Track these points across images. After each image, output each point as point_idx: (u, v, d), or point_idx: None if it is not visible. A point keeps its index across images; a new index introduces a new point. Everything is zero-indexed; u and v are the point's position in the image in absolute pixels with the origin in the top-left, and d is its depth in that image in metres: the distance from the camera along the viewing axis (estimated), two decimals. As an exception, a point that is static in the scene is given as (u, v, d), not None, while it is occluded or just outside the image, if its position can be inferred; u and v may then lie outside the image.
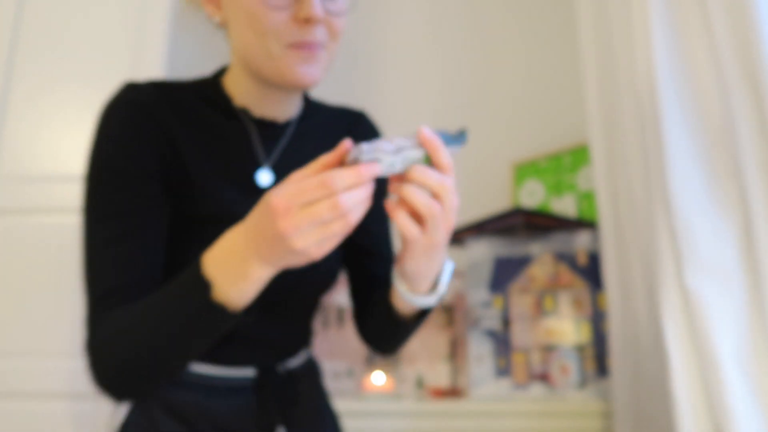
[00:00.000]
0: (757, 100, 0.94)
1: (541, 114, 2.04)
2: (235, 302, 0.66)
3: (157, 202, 0.74)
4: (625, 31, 1.19)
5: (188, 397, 0.79)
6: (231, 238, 0.65)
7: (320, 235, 0.60)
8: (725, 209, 0.99)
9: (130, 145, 0.73)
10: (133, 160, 0.73)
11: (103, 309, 0.71)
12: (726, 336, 0.92)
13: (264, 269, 0.64)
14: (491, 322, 1.53)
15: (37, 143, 1.61)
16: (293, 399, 0.84)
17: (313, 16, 0.72)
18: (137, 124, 0.74)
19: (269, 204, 0.59)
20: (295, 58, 0.74)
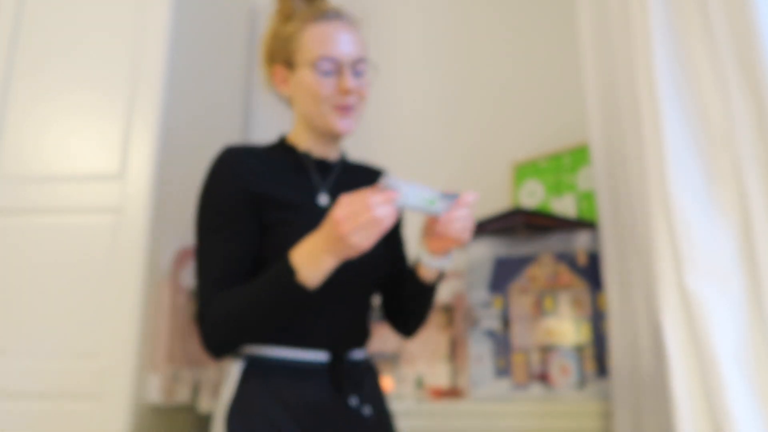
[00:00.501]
0: (757, 100, 0.94)
1: (541, 114, 2.04)
2: (310, 283, 0.98)
3: (249, 218, 1.08)
4: (624, 32, 1.19)
5: (281, 379, 1.05)
6: (309, 241, 0.99)
7: (365, 235, 0.94)
8: (724, 210, 0.99)
9: (231, 186, 1.09)
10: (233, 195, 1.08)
11: (213, 291, 1.03)
12: (725, 336, 0.92)
13: (330, 260, 0.98)
14: (491, 322, 1.53)
15: (38, 144, 1.61)
16: (359, 381, 1.11)
17: (350, 87, 1.12)
18: (233, 169, 1.10)
19: (332, 217, 0.95)
20: (339, 116, 1.14)
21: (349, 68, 1.12)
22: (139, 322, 1.46)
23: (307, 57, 1.12)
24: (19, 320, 1.50)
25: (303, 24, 1.14)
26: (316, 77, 1.11)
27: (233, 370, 1.08)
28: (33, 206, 1.56)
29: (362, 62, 1.15)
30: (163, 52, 1.62)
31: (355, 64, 1.13)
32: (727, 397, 0.88)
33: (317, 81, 1.11)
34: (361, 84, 1.15)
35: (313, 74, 1.11)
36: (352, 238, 0.93)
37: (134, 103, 1.59)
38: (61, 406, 1.44)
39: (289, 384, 1.05)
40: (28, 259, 1.53)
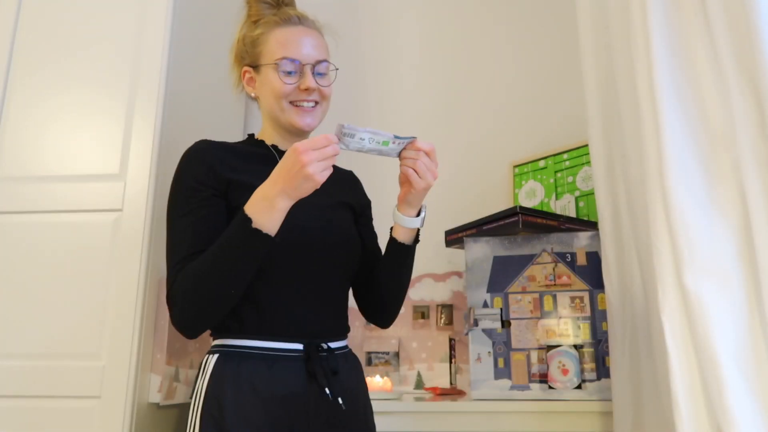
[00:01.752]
0: (757, 100, 0.94)
1: (541, 114, 2.04)
2: (268, 228, 1.02)
3: (216, 202, 1.12)
4: (624, 32, 1.19)
5: (253, 369, 1.06)
6: (260, 188, 1.03)
7: (323, 165, 0.99)
8: (724, 210, 0.99)
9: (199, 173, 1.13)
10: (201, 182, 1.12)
11: (179, 270, 1.05)
12: (725, 336, 0.92)
13: (284, 200, 1.01)
14: (491, 322, 1.53)
15: (38, 144, 1.61)
16: (334, 369, 1.11)
17: (310, 86, 1.19)
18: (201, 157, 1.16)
19: (295, 147, 0.99)
20: (300, 112, 1.21)
21: (310, 69, 1.20)
22: (139, 322, 1.45)
23: (271, 58, 1.20)
24: (19, 320, 1.50)
25: (268, 28, 1.23)
26: (278, 77, 1.19)
27: (206, 363, 1.09)
28: (33, 206, 1.56)
29: (323, 64, 1.23)
30: (163, 52, 1.62)
31: (316, 65, 1.21)
32: (727, 397, 0.88)
33: (279, 80, 1.19)
34: (324, 83, 1.22)
35: (276, 74, 1.19)
36: (310, 167, 0.98)
37: (134, 103, 1.59)
38: (61, 406, 1.43)
39: (262, 373, 1.06)
40: (28, 259, 1.53)
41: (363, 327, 1.93)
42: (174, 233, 1.12)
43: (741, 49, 0.97)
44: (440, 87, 2.14)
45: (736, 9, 0.97)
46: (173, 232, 1.12)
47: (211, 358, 1.10)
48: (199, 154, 1.16)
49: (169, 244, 1.11)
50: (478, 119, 2.09)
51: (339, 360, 1.15)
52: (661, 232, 1.02)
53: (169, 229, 1.13)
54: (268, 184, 1.03)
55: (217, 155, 1.17)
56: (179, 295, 1.04)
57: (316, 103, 1.22)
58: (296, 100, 1.20)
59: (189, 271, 1.04)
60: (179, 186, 1.15)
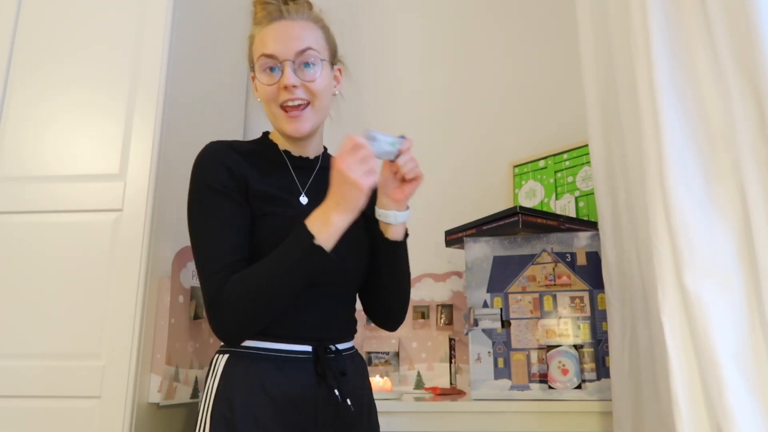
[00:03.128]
0: (757, 100, 0.94)
1: (541, 114, 2.04)
2: (327, 245, 1.02)
3: (241, 203, 1.10)
4: (624, 32, 1.19)
5: (263, 370, 1.06)
6: (318, 208, 1.04)
7: (363, 168, 0.99)
8: (724, 210, 0.99)
9: (220, 176, 1.09)
10: (224, 185, 1.09)
11: (224, 275, 1.03)
12: (725, 336, 0.92)
13: (340, 215, 1.02)
14: (491, 322, 1.53)
15: (39, 144, 1.61)
16: (342, 370, 1.11)
17: (287, 83, 1.10)
18: (220, 159, 1.11)
19: (333, 161, 1.01)
20: (288, 117, 1.13)
21: (291, 64, 1.10)
22: (139, 322, 1.45)
23: (255, 58, 1.15)
24: (19, 320, 1.50)
25: (257, 29, 1.17)
26: (261, 78, 1.13)
27: (217, 363, 1.09)
28: (33, 206, 1.56)
29: (306, 55, 1.11)
30: (163, 52, 1.62)
31: (297, 57, 1.11)
32: (727, 397, 0.88)
33: (261, 82, 1.13)
34: (308, 78, 1.12)
35: (259, 76, 1.13)
36: (351, 172, 0.98)
37: (134, 103, 1.59)
38: (61, 406, 1.43)
39: (272, 374, 1.06)
40: (28, 259, 1.53)
41: (363, 327, 1.93)
42: (206, 240, 1.07)
43: (741, 49, 0.97)
44: (440, 87, 2.14)
45: (736, 9, 0.97)
46: (205, 239, 1.08)
47: (221, 358, 1.09)
48: (217, 156, 1.12)
49: (204, 251, 1.07)
50: (478, 119, 2.09)
51: (346, 361, 1.15)
52: (661, 232, 1.02)
53: (198, 236, 1.09)
54: (325, 201, 1.03)
55: (233, 158, 1.13)
56: (228, 304, 1.02)
57: (308, 103, 1.13)
58: (284, 104, 1.12)
59: (241, 282, 1.02)
60: (202, 190, 1.10)
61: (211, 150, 1.14)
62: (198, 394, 1.61)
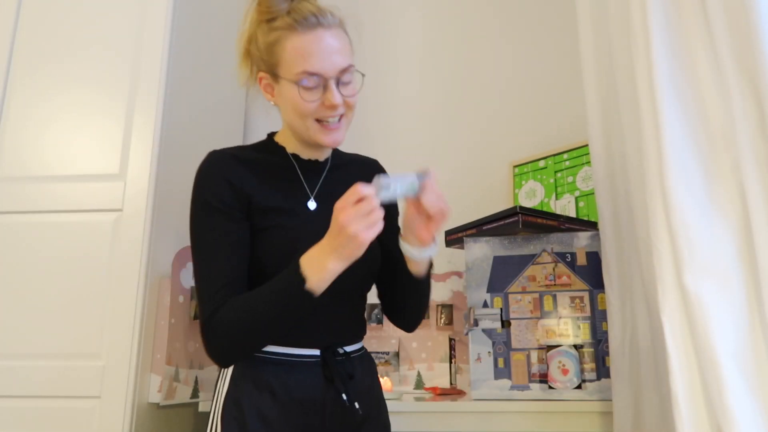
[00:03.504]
0: (757, 100, 0.94)
1: (541, 114, 2.04)
2: (318, 290, 0.99)
3: (243, 226, 1.08)
4: (624, 32, 1.19)
5: (272, 373, 1.06)
6: (315, 248, 1.00)
7: (365, 222, 0.95)
8: (724, 210, 0.99)
9: (222, 192, 1.07)
10: (225, 202, 1.07)
11: (219, 299, 1.02)
12: (725, 336, 0.92)
13: (337, 264, 0.98)
14: (491, 322, 1.53)
15: (39, 144, 1.61)
16: (350, 373, 1.11)
17: (335, 104, 1.08)
18: (225, 177, 1.09)
19: (334, 209, 0.97)
20: (324, 129, 1.10)
21: (334, 81, 1.08)
22: (139, 322, 1.46)
23: (291, 72, 1.07)
24: (19, 320, 1.50)
25: (285, 33, 1.08)
26: (300, 93, 1.07)
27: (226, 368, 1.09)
28: (33, 206, 1.56)
29: (348, 71, 1.10)
30: (163, 52, 1.62)
31: (340, 75, 1.08)
32: (727, 396, 0.88)
33: (301, 98, 1.07)
34: (349, 93, 1.11)
35: (297, 90, 1.07)
36: (351, 226, 0.94)
37: (134, 103, 1.59)
38: (61, 406, 1.44)
39: (281, 377, 1.06)
40: (28, 258, 1.53)
41: (363, 327, 1.93)
42: (204, 260, 1.06)
43: (741, 49, 0.97)
44: (441, 87, 2.14)
45: (736, 9, 0.97)
46: (203, 258, 1.06)
47: None
48: (219, 170, 1.10)
49: (202, 271, 1.06)
50: (478, 119, 2.09)
51: (355, 363, 1.15)
52: (661, 232, 1.02)
53: (196, 254, 1.08)
54: (324, 241, 1.00)
55: (236, 170, 1.10)
56: (221, 330, 1.01)
57: (341, 115, 1.12)
58: (321, 118, 1.10)
59: (232, 312, 1.01)
60: (203, 207, 1.08)
61: (212, 162, 1.11)
62: (198, 394, 1.61)
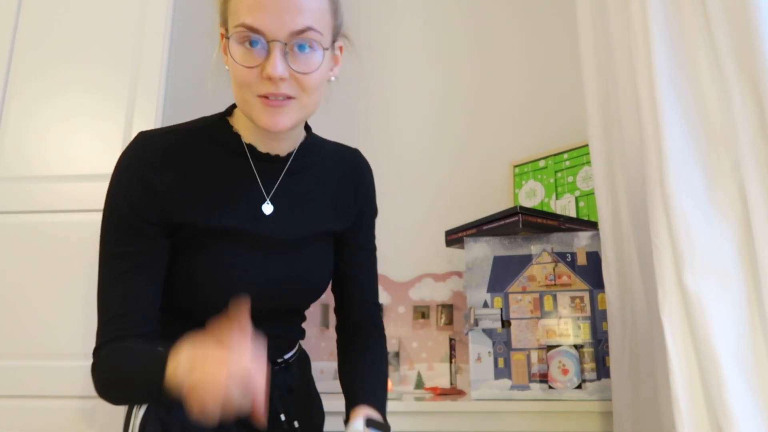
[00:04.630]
0: (757, 100, 0.94)
1: (541, 114, 2.04)
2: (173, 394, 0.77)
3: (157, 244, 0.90)
4: (624, 32, 1.19)
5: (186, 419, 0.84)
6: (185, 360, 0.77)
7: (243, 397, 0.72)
8: (724, 210, 0.99)
9: (136, 197, 0.88)
10: (138, 211, 0.88)
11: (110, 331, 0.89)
12: (726, 336, 0.92)
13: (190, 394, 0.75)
14: (491, 322, 1.53)
15: (39, 144, 1.61)
16: (289, 387, 1.02)
17: (273, 75, 0.82)
18: (144, 178, 0.89)
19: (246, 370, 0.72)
20: (265, 107, 0.86)
21: (280, 46, 0.83)
22: (139, 322, 1.45)
23: (233, 25, 0.85)
24: (19, 320, 1.50)
25: None
26: (235, 54, 0.84)
27: None
28: (33, 206, 1.56)
29: (304, 36, 0.83)
30: (163, 52, 1.62)
31: (291, 39, 0.83)
32: (727, 396, 0.88)
33: (234, 59, 0.85)
34: (301, 68, 0.85)
35: (234, 50, 0.85)
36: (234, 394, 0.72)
37: (134, 103, 1.59)
38: (61, 406, 1.44)
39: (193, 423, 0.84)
40: (28, 258, 1.53)
41: (363, 327, 1.93)
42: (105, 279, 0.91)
43: (741, 49, 0.97)
44: (441, 87, 2.14)
45: (736, 9, 0.97)
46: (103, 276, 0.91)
47: None
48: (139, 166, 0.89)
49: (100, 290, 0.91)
50: (478, 119, 2.09)
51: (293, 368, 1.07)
52: (661, 232, 1.02)
53: (100, 267, 0.92)
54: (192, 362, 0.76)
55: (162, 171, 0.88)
56: (98, 376, 0.90)
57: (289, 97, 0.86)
58: (265, 93, 0.85)
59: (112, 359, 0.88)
60: (111, 211, 0.91)
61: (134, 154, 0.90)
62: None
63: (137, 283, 0.89)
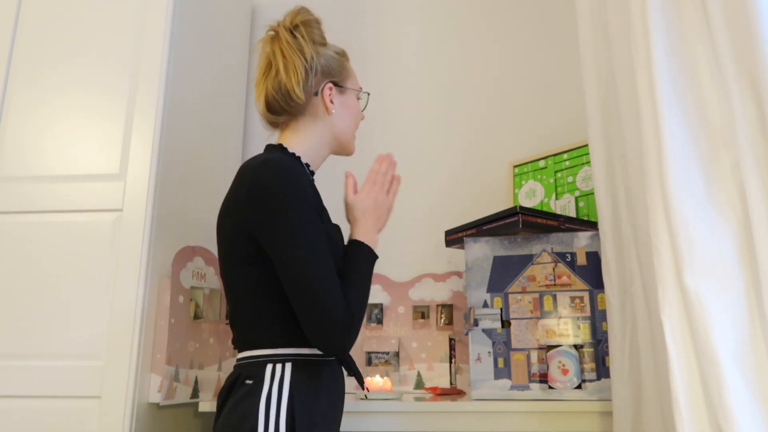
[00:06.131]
0: (757, 100, 0.94)
1: (541, 114, 2.04)
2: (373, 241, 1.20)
3: None
4: (624, 32, 1.19)
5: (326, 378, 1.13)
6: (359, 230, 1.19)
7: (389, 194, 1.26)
8: (724, 210, 0.99)
9: (310, 194, 1.12)
10: (311, 202, 1.12)
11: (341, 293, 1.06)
12: (725, 336, 0.92)
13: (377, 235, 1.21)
14: (491, 322, 1.53)
15: (40, 144, 1.61)
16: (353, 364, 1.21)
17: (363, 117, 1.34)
18: (307, 180, 1.15)
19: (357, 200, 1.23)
20: None
21: None
22: (139, 322, 1.46)
23: (355, 86, 1.31)
24: (19, 320, 1.50)
25: (344, 56, 1.30)
26: (358, 108, 1.32)
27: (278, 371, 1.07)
28: (33, 206, 1.56)
29: None
30: (163, 53, 1.62)
31: None
32: (727, 396, 0.88)
33: (358, 111, 1.31)
34: None
35: (358, 103, 1.31)
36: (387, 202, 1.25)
37: (134, 103, 1.59)
38: (61, 406, 1.44)
39: (330, 377, 1.14)
40: (28, 258, 1.53)
41: (363, 327, 1.93)
42: (315, 252, 1.07)
43: (741, 49, 0.97)
44: (441, 87, 2.14)
45: (736, 9, 0.97)
46: (315, 251, 1.07)
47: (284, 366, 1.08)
48: (304, 176, 1.16)
49: (315, 264, 1.06)
50: (478, 119, 2.09)
51: None
52: (661, 232, 1.02)
53: (306, 246, 1.07)
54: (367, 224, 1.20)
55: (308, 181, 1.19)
56: (356, 322, 1.08)
57: None
58: None
59: (357, 300, 1.09)
60: (303, 204, 1.10)
61: (296, 168, 1.15)
62: (198, 394, 1.61)
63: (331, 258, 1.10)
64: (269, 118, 1.26)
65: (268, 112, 1.25)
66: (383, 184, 1.25)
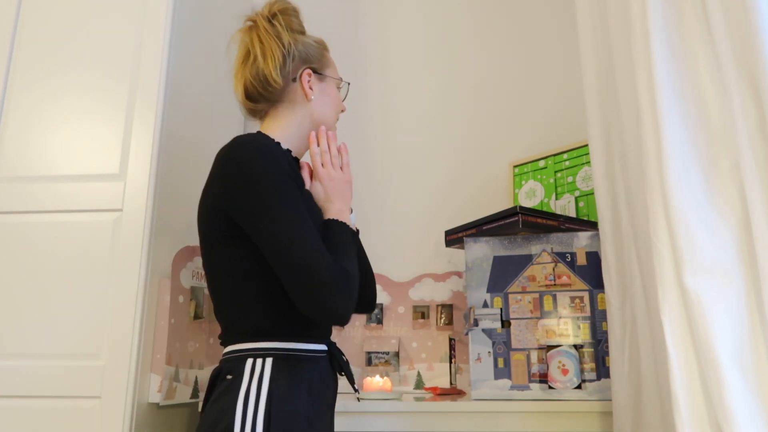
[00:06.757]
0: (756, 100, 0.94)
1: (541, 114, 2.04)
2: None
3: None
4: (624, 32, 1.19)
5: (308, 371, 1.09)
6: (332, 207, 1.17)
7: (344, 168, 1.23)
8: (724, 210, 0.99)
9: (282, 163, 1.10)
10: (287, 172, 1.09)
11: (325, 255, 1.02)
12: (725, 336, 0.92)
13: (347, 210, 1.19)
14: (491, 322, 1.53)
15: (40, 144, 1.61)
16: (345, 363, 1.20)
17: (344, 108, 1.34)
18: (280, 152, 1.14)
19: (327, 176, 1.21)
20: None
21: None
22: (139, 322, 1.45)
23: (336, 75, 1.30)
24: (19, 320, 1.50)
25: (323, 46, 1.30)
26: (338, 96, 1.32)
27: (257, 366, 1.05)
28: (33, 206, 1.56)
29: None
30: (163, 53, 1.62)
31: None
32: (727, 397, 0.88)
33: (338, 99, 1.31)
34: None
35: (337, 91, 1.31)
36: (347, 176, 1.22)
37: (134, 104, 1.59)
38: (61, 406, 1.43)
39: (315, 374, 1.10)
40: (28, 258, 1.53)
41: (363, 327, 1.93)
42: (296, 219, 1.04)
43: (741, 49, 0.97)
44: (441, 87, 2.14)
45: (736, 9, 0.97)
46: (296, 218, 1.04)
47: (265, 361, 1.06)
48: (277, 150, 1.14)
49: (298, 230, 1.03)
50: (478, 119, 2.09)
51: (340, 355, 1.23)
52: (661, 232, 1.02)
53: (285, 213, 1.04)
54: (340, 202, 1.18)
55: None
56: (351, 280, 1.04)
57: None
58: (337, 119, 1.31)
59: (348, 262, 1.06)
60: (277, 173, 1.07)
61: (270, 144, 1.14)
62: (198, 394, 1.61)
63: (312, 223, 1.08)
64: (248, 106, 1.25)
65: (247, 100, 1.24)
66: (332, 161, 1.21)
